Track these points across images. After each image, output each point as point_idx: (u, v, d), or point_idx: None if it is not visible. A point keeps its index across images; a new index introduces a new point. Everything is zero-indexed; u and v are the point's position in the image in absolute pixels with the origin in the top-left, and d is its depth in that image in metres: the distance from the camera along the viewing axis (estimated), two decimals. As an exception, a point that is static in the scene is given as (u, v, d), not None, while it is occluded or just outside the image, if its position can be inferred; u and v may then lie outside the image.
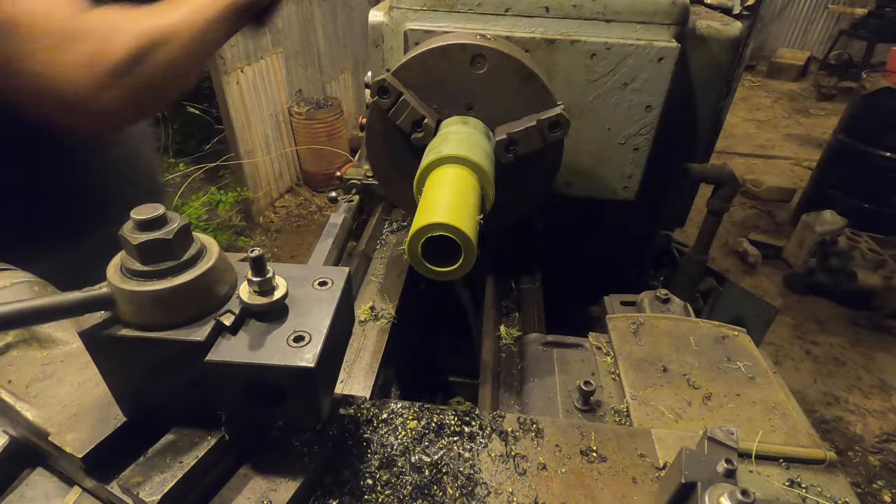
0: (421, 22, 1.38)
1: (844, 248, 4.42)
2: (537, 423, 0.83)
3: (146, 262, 0.56)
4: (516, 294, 1.60)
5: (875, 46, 9.01)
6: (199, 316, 0.59)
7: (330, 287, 0.67)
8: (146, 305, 0.56)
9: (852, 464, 3.31)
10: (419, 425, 0.81)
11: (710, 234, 1.87)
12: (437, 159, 1.04)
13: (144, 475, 0.59)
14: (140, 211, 0.57)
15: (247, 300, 0.61)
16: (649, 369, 1.04)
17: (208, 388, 0.60)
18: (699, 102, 1.60)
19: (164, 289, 0.56)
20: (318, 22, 6.12)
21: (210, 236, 0.65)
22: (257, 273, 0.60)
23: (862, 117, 4.95)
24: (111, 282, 0.57)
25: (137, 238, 0.55)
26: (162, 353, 0.58)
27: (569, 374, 1.12)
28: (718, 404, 0.96)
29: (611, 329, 1.16)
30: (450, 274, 0.95)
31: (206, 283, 0.59)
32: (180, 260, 0.58)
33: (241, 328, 0.61)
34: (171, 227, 0.57)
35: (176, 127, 6.34)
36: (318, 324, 0.61)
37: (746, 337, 1.13)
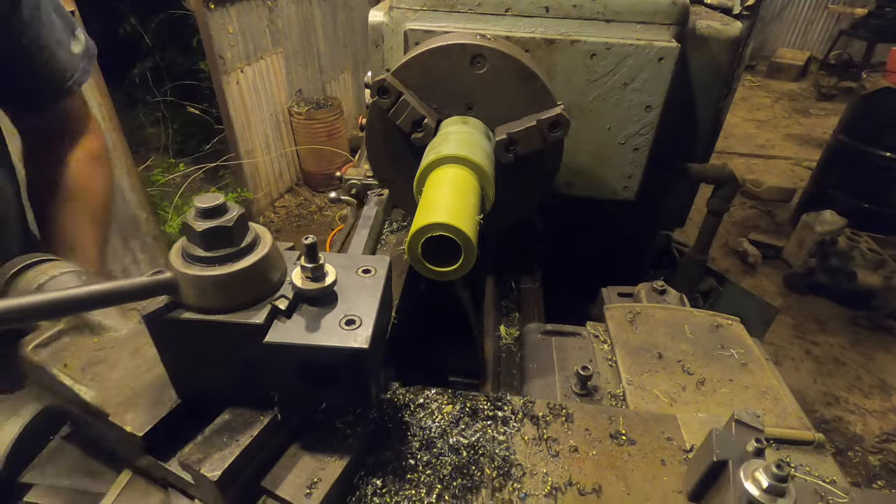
0: (421, 22, 1.38)
1: (844, 248, 4.42)
2: (567, 408, 0.85)
3: (208, 248, 0.59)
4: (516, 294, 1.60)
5: (875, 46, 9.01)
6: (255, 300, 0.62)
7: (374, 274, 0.70)
8: (208, 290, 0.59)
9: (852, 464, 3.31)
10: (454, 409, 0.84)
11: (710, 234, 1.87)
12: (437, 159, 1.04)
13: (204, 452, 0.62)
14: (202, 199, 0.59)
15: (300, 285, 0.63)
16: (645, 356, 1.07)
17: (263, 369, 0.63)
18: (699, 102, 1.60)
19: (226, 273, 0.58)
20: (318, 22, 6.12)
21: (259, 225, 0.68)
22: (310, 259, 0.62)
23: (862, 117, 4.95)
24: (174, 267, 0.59)
25: (201, 225, 0.58)
26: (222, 335, 0.61)
27: (567, 360, 1.15)
28: (712, 389, 0.99)
29: (608, 318, 1.20)
30: (450, 274, 0.95)
31: (263, 269, 0.62)
32: (239, 246, 0.60)
33: (294, 312, 0.63)
34: (230, 215, 0.60)
35: (176, 127, 6.34)
36: (366, 308, 0.64)
37: (740, 326, 1.17)
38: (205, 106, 5.82)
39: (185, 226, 0.60)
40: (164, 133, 6.24)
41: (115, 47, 5.65)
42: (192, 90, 5.95)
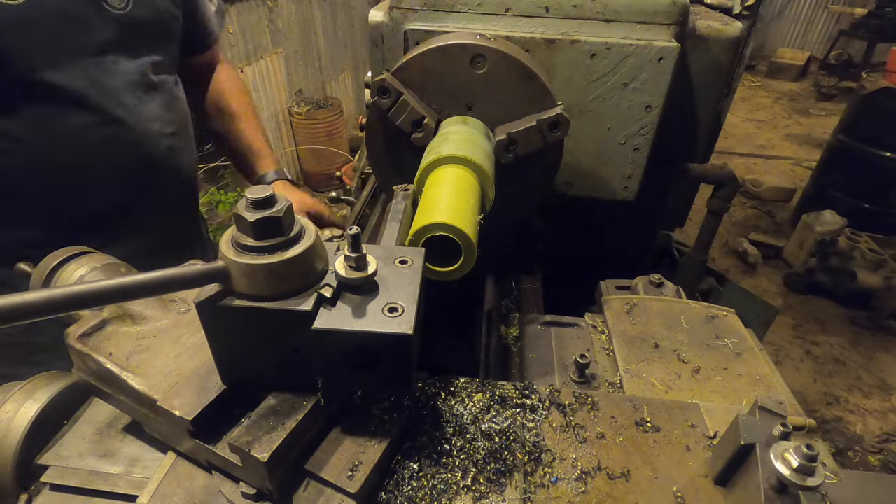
0: (421, 22, 1.38)
1: (844, 248, 4.42)
2: (592, 397, 0.87)
3: (259, 238, 0.60)
4: (516, 294, 1.60)
5: (875, 46, 9.01)
6: (302, 289, 0.64)
7: (411, 265, 0.72)
8: (259, 278, 0.61)
9: (852, 464, 3.31)
10: (484, 398, 0.87)
11: (710, 234, 1.87)
12: (437, 159, 1.04)
13: (252, 435, 0.64)
14: (253, 191, 0.61)
15: (343, 274, 0.65)
16: (642, 346, 1.10)
17: (309, 355, 0.65)
18: (699, 102, 1.60)
19: (276, 262, 0.60)
20: (318, 22, 6.12)
21: (302, 216, 0.70)
22: (354, 249, 0.65)
23: (862, 117, 4.95)
24: (226, 256, 0.61)
25: (253, 216, 0.60)
26: (271, 321, 0.63)
27: (565, 349, 1.17)
28: (706, 377, 1.02)
29: (606, 309, 1.22)
30: (450, 274, 0.95)
31: (309, 258, 0.64)
32: (288, 236, 0.62)
33: (338, 300, 0.66)
34: (280, 206, 0.61)
35: (176, 127, 6.34)
36: (407, 297, 0.66)
37: (734, 316, 1.19)
38: (205, 106, 5.81)
39: (236, 216, 0.61)
40: (164, 133, 6.24)
41: (115, 47, 5.66)
42: (192, 90, 5.95)
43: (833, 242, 4.43)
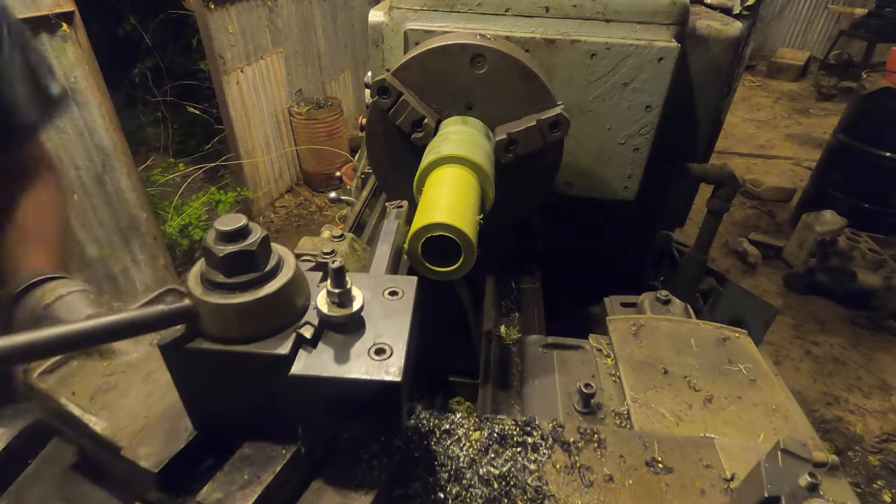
0: (421, 22, 1.38)
1: (844, 248, 4.42)
2: (598, 433, 0.81)
3: (230, 274, 0.55)
4: (516, 294, 1.60)
5: (875, 46, 9.00)
6: (279, 328, 0.59)
7: (401, 297, 0.66)
8: (230, 318, 0.55)
9: (852, 464, 3.31)
10: (482, 436, 0.80)
11: (710, 234, 1.87)
12: (437, 159, 1.04)
13: (224, 491, 0.58)
14: (224, 222, 0.55)
15: (326, 311, 0.59)
16: (650, 371, 1.03)
17: (287, 401, 0.59)
18: (699, 102, 1.60)
19: (249, 301, 0.55)
20: (318, 22, 6.12)
21: (281, 245, 0.63)
22: (337, 284, 0.59)
23: (862, 117, 4.95)
24: (193, 294, 0.56)
25: (222, 250, 0.54)
26: (244, 366, 0.58)
27: (569, 375, 1.11)
28: (720, 406, 0.95)
29: (611, 331, 1.15)
30: (450, 274, 0.95)
31: (287, 295, 0.59)
32: (263, 271, 0.57)
33: (320, 340, 0.60)
34: (254, 237, 0.56)
35: (176, 127, 6.35)
36: (396, 336, 0.61)
37: (748, 339, 1.12)
38: (205, 106, 5.82)
39: (204, 250, 0.56)
40: (164, 133, 6.24)
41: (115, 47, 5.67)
42: (192, 90, 5.95)
43: (833, 242, 4.43)
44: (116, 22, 6.03)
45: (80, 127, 3.44)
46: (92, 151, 3.56)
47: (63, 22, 3.19)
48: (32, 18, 3.02)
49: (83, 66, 3.36)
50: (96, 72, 3.44)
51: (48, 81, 1.23)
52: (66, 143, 3.38)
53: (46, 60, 1.24)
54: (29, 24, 3.02)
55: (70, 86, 3.33)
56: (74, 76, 3.33)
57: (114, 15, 6.00)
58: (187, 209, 4.88)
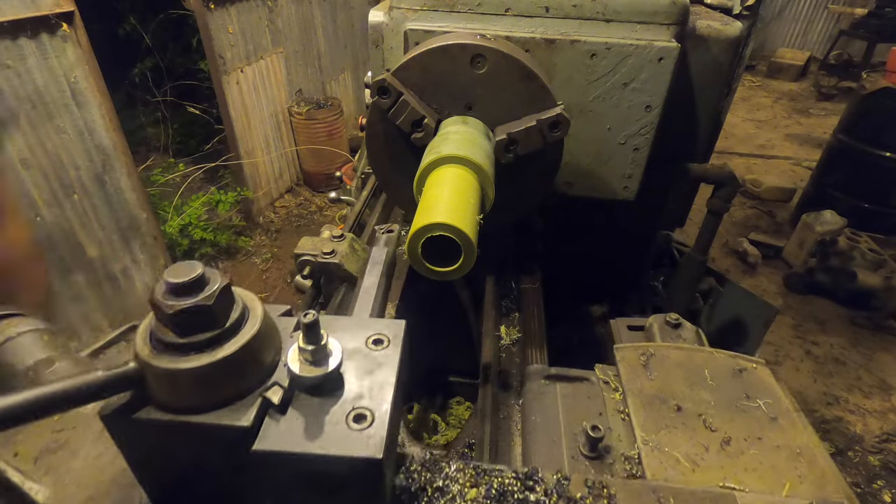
0: (421, 22, 1.38)
1: (844, 248, 4.42)
2: (607, 487, 0.74)
3: (183, 333, 0.48)
4: (516, 294, 1.59)
5: (875, 46, 9.01)
6: (242, 392, 0.50)
7: (386, 346, 0.58)
8: (183, 385, 0.48)
9: (852, 464, 3.31)
10: (479, 494, 0.71)
11: (710, 234, 1.87)
12: (437, 159, 1.04)
13: None
14: (175, 272, 0.48)
15: (298, 372, 0.51)
16: (661, 408, 0.95)
17: (253, 476, 0.52)
18: (699, 102, 1.60)
19: (205, 365, 0.47)
20: (318, 22, 6.12)
21: (247, 291, 0.56)
22: (310, 340, 0.51)
23: (862, 117, 4.95)
24: (140, 356, 0.48)
25: (173, 305, 0.46)
26: (200, 440, 0.50)
27: (574, 412, 1.01)
28: (739, 450, 0.87)
29: (619, 360, 1.06)
30: (450, 274, 0.95)
31: (252, 353, 0.51)
32: (223, 328, 0.49)
33: (290, 405, 0.52)
34: (212, 288, 0.48)
35: (176, 127, 6.35)
36: (379, 397, 0.52)
37: (766, 370, 1.04)
38: (205, 106, 5.82)
39: (152, 304, 0.48)
40: (164, 133, 6.24)
41: (115, 47, 5.66)
42: (192, 90, 5.95)
43: (833, 242, 4.43)
44: (116, 22, 6.03)
45: (80, 127, 3.45)
46: (92, 151, 3.56)
47: (63, 22, 3.19)
48: (32, 18, 3.02)
49: (83, 66, 3.36)
50: (96, 72, 3.44)
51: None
52: (66, 143, 3.38)
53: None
54: (29, 24, 3.02)
55: (70, 86, 3.33)
56: (74, 76, 3.33)
57: (114, 15, 6.00)
58: (187, 209, 4.88)
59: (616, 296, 2.03)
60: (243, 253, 5.21)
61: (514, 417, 1.17)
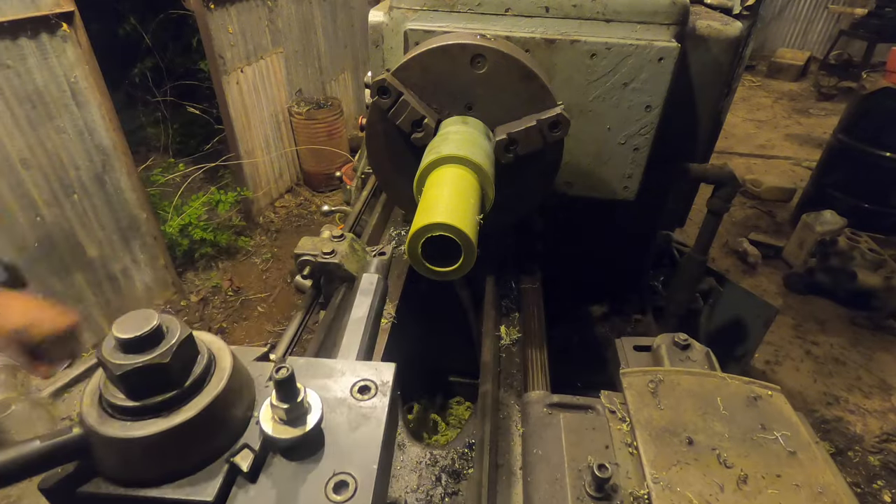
0: (421, 22, 1.38)
1: (844, 248, 4.42)
2: None
3: (136, 396, 0.41)
4: (516, 294, 1.59)
5: (875, 46, 9.01)
6: (206, 457, 0.43)
7: (373, 395, 0.51)
8: (136, 455, 0.40)
9: (852, 464, 3.31)
10: None
11: (710, 234, 1.87)
12: (437, 159, 1.04)
13: None
14: (126, 325, 0.40)
15: (271, 433, 0.45)
16: (672, 441, 0.89)
17: None
18: (699, 102, 1.60)
19: (161, 432, 0.40)
20: (318, 22, 6.12)
21: (213, 337, 0.48)
22: (285, 398, 0.45)
23: (862, 117, 4.95)
24: (86, 421, 0.41)
25: (122, 365, 0.39)
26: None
27: (579, 446, 0.95)
28: (756, 488, 0.81)
29: (626, 387, 1.00)
30: (450, 274, 0.95)
31: (218, 413, 0.43)
32: (182, 387, 0.42)
33: (261, 471, 0.45)
34: (168, 343, 0.41)
35: (176, 127, 6.35)
36: (363, 459, 0.46)
37: (781, 397, 0.98)
38: (205, 106, 5.82)
39: (100, 362, 0.41)
40: (164, 133, 6.24)
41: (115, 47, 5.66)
42: (192, 90, 5.95)
43: (833, 242, 4.43)
44: (116, 22, 6.03)
45: (80, 127, 3.45)
46: (92, 151, 3.56)
47: (63, 22, 3.19)
48: (32, 18, 3.02)
49: (83, 66, 3.36)
50: (96, 72, 3.44)
51: None
52: (66, 143, 3.38)
53: None
54: (29, 24, 3.02)
55: (70, 86, 3.33)
56: (74, 76, 3.33)
57: (114, 15, 6.00)
58: (187, 209, 4.88)
59: (616, 296, 2.03)
60: (243, 253, 5.21)
61: (514, 417, 1.16)
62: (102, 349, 0.41)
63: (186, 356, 0.42)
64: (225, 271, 4.97)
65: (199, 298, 4.61)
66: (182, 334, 0.42)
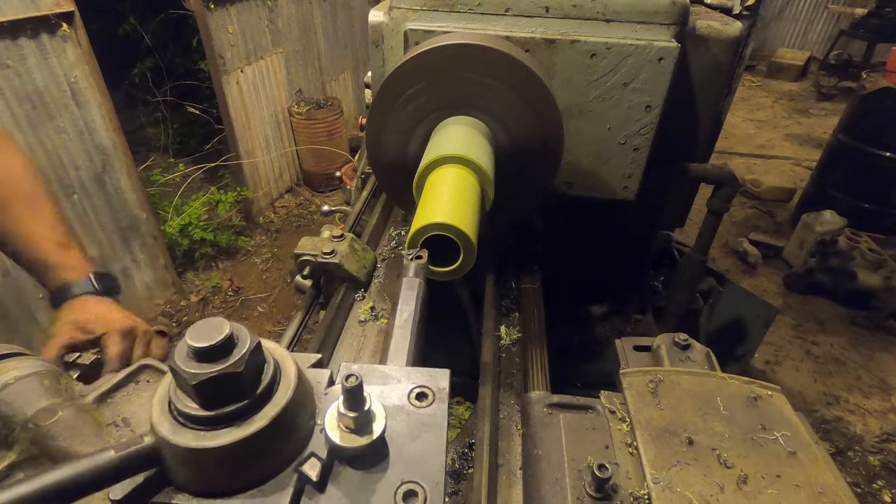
0: (421, 22, 1.38)
1: (844, 248, 4.42)
2: None
3: (209, 406, 0.41)
4: (516, 294, 1.59)
5: (875, 46, 9.01)
6: (275, 468, 0.44)
7: (431, 403, 0.52)
8: (208, 465, 0.41)
9: (852, 464, 3.31)
10: None
11: (710, 234, 1.87)
12: (437, 159, 1.04)
13: None
14: (198, 333, 0.41)
15: (338, 441, 0.45)
16: (672, 441, 0.91)
17: None
18: (699, 102, 1.60)
19: (236, 441, 0.40)
20: (318, 22, 6.12)
21: (275, 344, 0.48)
22: (352, 406, 0.44)
23: (862, 117, 4.95)
24: (157, 431, 0.41)
25: (197, 374, 0.40)
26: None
27: (579, 446, 0.97)
28: (757, 489, 0.82)
29: (625, 387, 1.01)
30: (450, 274, 0.95)
31: (287, 422, 0.43)
32: (254, 396, 0.42)
33: (329, 481, 0.45)
34: (241, 351, 0.41)
35: (176, 127, 6.35)
36: (429, 466, 0.45)
37: (782, 397, 0.99)
38: (205, 106, 5.82)
39: (172, 371, 0.41)
40: (164, 133, 6.24)
41: (115, 47, 5.66)
42: (192, 90, 5.95)
43: (833, 242, 4.43)
44: (116, 22, 6.03)
45: (80, 127, 3.45)
46: (92, 151, 3.56)
47: (63, 22, 3.19)
48: (32, 18, 3.02)
49: (83, 66, 3.36)
50: (96, 72, 3.44)
51: None
52: (66, 143, 3.38)
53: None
54: (29, 24, 3.02)
55: (70, 86, 3.33)
56: (74, 76, 3.33)
57: (114, 15, 6.00)
58: (187, 209, 4.88)
59: (616, 296, 2.03)
60: (243, 253, 5.21)
61: (514, 417, 1.16)
62: (175, 358, 0.41)
63: (256, 364, 0.43)
64: (225, 271, 4.97)
65: (199, 298, 4.61)
66: (252, 342, 0.42)
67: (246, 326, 0.43)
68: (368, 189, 2.11)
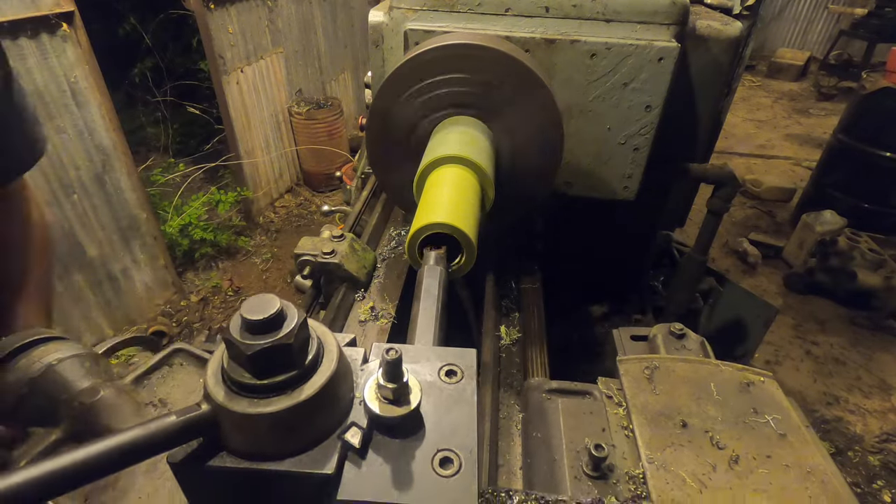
0: (421, 22, 1.38)
1: (844, 248, 4.42)
2: None
3: (262, 375, 0.44)
4: (516, 294, 1.59)
5: (875, 46, 9.00)
6: (320, 436, 0.47)
7: (460, 379, 0.54)
8: (263, 431, 0.44)
9: (852, 464, 3.31)
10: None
11: (710, 234, 1.87)
12: (437, 159, 1.04)
13: None
14: (253, 307, 0.44)
15: (377, 411, 0.48)
16: (667, 424, 0.93)
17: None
18: (699, 102, 1.60)
19: (287, 408, 0.44)
20: (318, 22, 6.12)
21: (319, 323, 0.51)
22: (392, 378, 0.48)
23: (862, 117, 4.95)
24: (214, 398, 0.45)
25: (252, 345, 0.43)
26: (279, 489, 0.46)
27: (577, 429, 0.99)
28: (748, 468, 0.85)
29: (622, 374, 1.03)
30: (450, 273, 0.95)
31: (332, 393, 0.47)
32: (303, 367, 0.46)
33: (369, 448, 0.48)
34: (291, 325, 0.45)
35: (176, 127, 6.35)
36: (463, 437, 0.48)
37: (773, 383, 1.02)
38: (205, 106, 5.82)
39: (227, 343, 0.45)
40: (164, 133, 6.24)
41: (115, 47, 5.66)
42: (192, 90, 5.95)
43: (833, 242, 4.43)
44: (116, 22, 6.03)
45: (80, 127, 3.45)
46: (92, 151, 3.56)
47: (63, 22, 3.19)
48: (32, 18, 3.02)
49: (83, 66, 3.36)
50: (96, 72, 3.44)
51: (36, 128, 1.10)
52: (66, 143, 3.38)
53: (33, 107, 1.11)
54: (29, 24, 3.02)
55: (70, 86, 3.33)
56: (74, 76, 3.33)
57: (114, 15, 6.00)
58: (187, 209, 4.88)
59: (616, 296, 2.03)
60: (243, 253, 5.21)
61: (515, 417, 1.16)
62: (231, 329, 0.44)
63: (304, 337, 0.47)
64: (225, 271, 4.97)
65: (199, 298, 4.61)
66: (300, 317, 0.46)
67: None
68: (368, 189, 2.10)
